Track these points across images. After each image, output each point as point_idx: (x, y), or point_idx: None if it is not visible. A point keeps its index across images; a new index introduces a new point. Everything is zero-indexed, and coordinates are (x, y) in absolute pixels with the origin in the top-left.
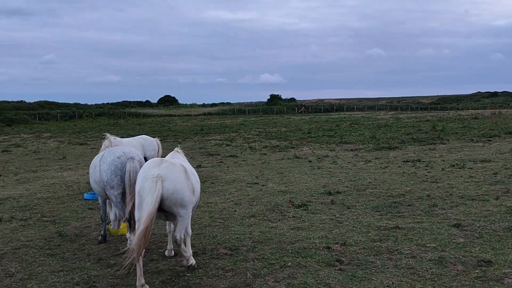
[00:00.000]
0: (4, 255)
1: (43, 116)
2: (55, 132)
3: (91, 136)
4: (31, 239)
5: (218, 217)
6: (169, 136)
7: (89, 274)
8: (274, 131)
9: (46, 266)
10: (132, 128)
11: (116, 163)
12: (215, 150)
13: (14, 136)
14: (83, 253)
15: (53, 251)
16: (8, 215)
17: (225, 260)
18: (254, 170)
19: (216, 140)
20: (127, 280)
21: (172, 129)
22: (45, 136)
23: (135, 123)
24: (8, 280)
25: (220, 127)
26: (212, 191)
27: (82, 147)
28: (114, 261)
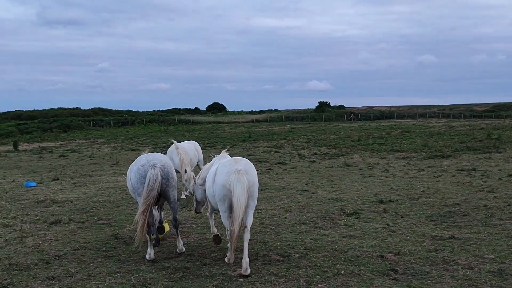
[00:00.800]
0: (64, 255)
1: (97, 123)
2: (109, 138)
3: (143, 142)
4: (88, 240)
5: (269, 223)
6: (218, 142)
7: (144, 276)
8: (323, 138)
9: (103, 267)
10: (181, 135)
11: (141, 172)
12: (264, 157)
13: (70, 142)
14: (138, 255)
15: (109, 253)
16: (67, 217)
17: (277, 266)
18: (304, 177)
19: (264, 147)
20: (181, 283)
21: (221, 136)
22: (99, 142)
23: (185, 130)
24: (68, 280)
25: (268, 134)
26: (261, 198)
27: (134, 152)
28: (168, 264)
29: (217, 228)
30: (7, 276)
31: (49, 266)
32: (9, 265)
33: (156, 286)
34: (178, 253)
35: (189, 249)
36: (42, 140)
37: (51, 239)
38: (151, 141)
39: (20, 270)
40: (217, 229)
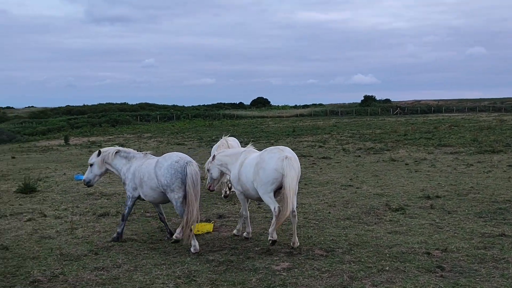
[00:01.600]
0: (112, 247)
1: (144, 118)
2: (155, 132)
3: (188, 136)
4: (135, 233)
5: (313, 218)
6: (262, 137)
7: (189, 269)
8: (368, 133)
9: (149, 259)
10: (226, 130)
11: (176, 167)
12: (308, 151)
13: (118, 136)
14: (183, 248)
15: (155, 245)
16: (115, 210)
17: (320, 261)
18: (348, 172)
19: (309, 141)
20: (225, 276)
21: (265, 130)
22: (146, 136)
23: (229, 124)
24: (116, 271)
25: (312, 128)
26: (305, 192)
27: (180, 147)
28: (212, 257)
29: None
30: (59, 266)
31: (98, 257)
32: (60, 255)
33: (201, 279)
34: (220, 248)
35: (233, 242)
36: (91, 134)
37: (99, 231)
38: (196, 135)
39: (71, 260)
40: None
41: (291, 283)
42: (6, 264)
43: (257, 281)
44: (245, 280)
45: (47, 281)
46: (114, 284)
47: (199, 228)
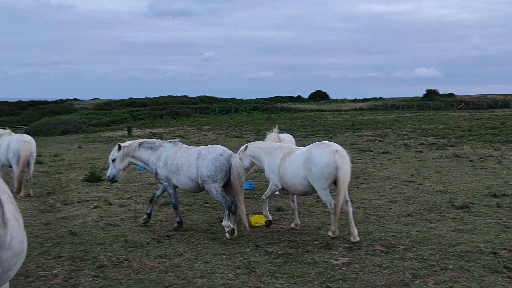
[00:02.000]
0: (173, 236)
1: (203, 110)
2: (214, 125)
3: (246, 129)
4: (195, 222)
5: (373, 213)
6: (320, 131)
7: (248, 260)
8: (430, 128)
9: (210, 248)
10: (284, 123)
11: (221, 160)
12: (367, 146)
13: (178, 128)
14: (242, 239)
15: (215, 235)
16: None
17: (381, 257)
18: (410, 167)
19: (368, 136)
20: (284, 268)
21: (323, 124)
22: (205, 129)
23: (287, 118)
24: (178, 259)
25: (372, 123)
26: (365, 188)
27: (238, 139)
28: (271, 249)
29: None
30: (123, 252)
31: (160, 245)
32: (125, 242)
33: (260, 270)
34: (278, 240)
35: (292, 235)
36: (153, 126)
37: (161, 220)
38: (254, 128)
39: (134, 247)
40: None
41: (350, 278)
42: (74, 249)
43: (316, 274)
44: (304, 273)
45: (112, 266)
46: (176, 272)
47: (258, 220)
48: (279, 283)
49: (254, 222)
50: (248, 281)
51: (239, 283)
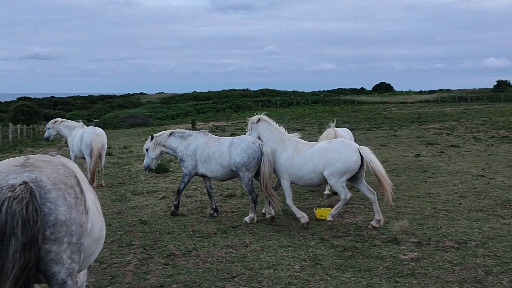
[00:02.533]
0: (239, 227)
1: (265, 103)
2: (275, 118)
3: (308, 122)
4: (259, 214)
5: (442, 208)
6: (384, 123)
7: (314, 253)
8: (501, 120)
9: (275, 240)
10: (346, 115)
11: (253, 148)
12: (434, 139)
13: (240, 121)
14: (307, 232)
15: (280, 227)
16: (240, 192)
17: (452, 253)
18: (480, 161)
19: (435, 128)
20: (351, 261)
21: (388, 116)
22: None
23: (350, 110)
24: (244, 250)
25: (439, 115)
26: (433, 182)
27: (300, 132)
28: (337, 242)
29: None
30: (191, 242)
31: (226, 236)
32: (192, 232)
33: (326, 263)
34: (344, 233)
35: (358, 229)
36: (216, 119)
37: (227, 211)
38: (316, 121)
39: (202, 237)
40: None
41: (420, 274)
42: (145, 238)
43: (384, 269)
44: (372, 267)
45: (181, 255)
46: (242, 262)
47: (323, 213)
48: (346, 277)
49: (319, 215)
50: (315, 273)
51: (305, 275)
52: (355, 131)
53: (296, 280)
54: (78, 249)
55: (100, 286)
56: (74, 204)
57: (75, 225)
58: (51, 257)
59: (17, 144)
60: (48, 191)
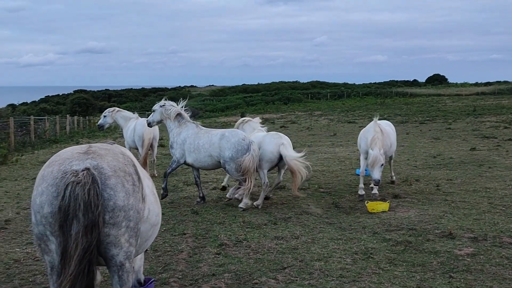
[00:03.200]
0: (289, 218)
1: (314, 96)
2: (325, 110)
3: (359, 115)
4: (310, 207)
5: (499, 203)
6: (438, 116)
7: (366, 246)
8: None
9: (326, 233)
10: (399, 108)
11: (243, 144)
12: (491, 132)
13: (289, 114)
14: (358, 225)
15: (330, 220)
16: (290, 184)
17: (509, 249)
18: None
19: (492, 122)
20: (404, 256)
21: (441, 109)
22: (316, 114)
23: (402, 102)
24: (295, 242)
25: (496, 108)
26: (489, 176)
27: (351, 125)
28: (389, 236)
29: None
30: (242, 232)
31: (277, 227)
32: (243, 222)
33: (378, 256)
34: (397, 227)
35: (411, 223)
36: (265, 111)
37: (277, 203)
38: (367, 113)
39: (252, 228)
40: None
41: (476, 270)
42: (197, 227)
43: (438, 264)
44: (425, 262)
45: (232, 245)
46: (293, 254)
47: (374, 206)
48: (399, 271)
49: (371, 209)
50: (366, 267)
51: (357, 268)
52: (407, 124)
53: (348, 273)
54: (135, 234)
55: (155, 273)
56: (132, 191)
57: (132, 210)
58: (110, 240)
59: (74, 135)
60: (108, 178)
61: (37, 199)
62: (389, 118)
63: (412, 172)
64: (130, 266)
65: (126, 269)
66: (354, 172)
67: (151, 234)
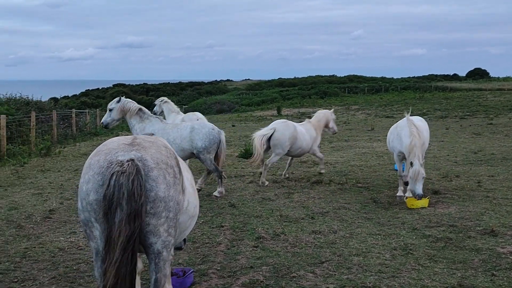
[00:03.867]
0: (327, 213)
1: (351, 90)
2: (363, 104)
3: (397, 109)
4: (348, 201)
5: None
6: (479, 111)
7: (405, 242)
8: None
9: (364, 228)
10: (438, 102)
11: (213, 134)
12: None
13: (326, 108)
14: (397, 220)
15: (369, 215)
16: (327, 178)
17: None
18: None
19: None
20: (444, 252)
21: (482, 104)
22: (354, 109)
23: (441, 97)
24: (332, 236)
25: None
26: None
27: (388, 120)
28: (429, 232)
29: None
30: (279, 226)
31: (314, 221)
32: (280, 216)
33: (418, 253)
34: (437, 224)
35: (451, 220)
36: (301, 106)
37: (314, 197)
38: (405, 108)
39: (290, 222)
40: None
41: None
42: (234, 220)
43: (480, 262)
44: (466, 259)
45: (270, 238)
46: (331, 248)
47: (414, 202)
48: (439, 268)
49: (410, 205)
50: (406, 262)
51: (396, 264)
52: (447, 119)
53: (387, 268)
54: (174, 224)
55: (193, 264)
56: (172, 183)
57: (172, 202)
58: (149, 229)
59: (114, 127)
60: (151, 170)
61: (84, 186)
62: (429, 113)
63: (453, 168)
64: (167, 254)
65: (163, 258)
66: (392, 168)
67: (189, 225)
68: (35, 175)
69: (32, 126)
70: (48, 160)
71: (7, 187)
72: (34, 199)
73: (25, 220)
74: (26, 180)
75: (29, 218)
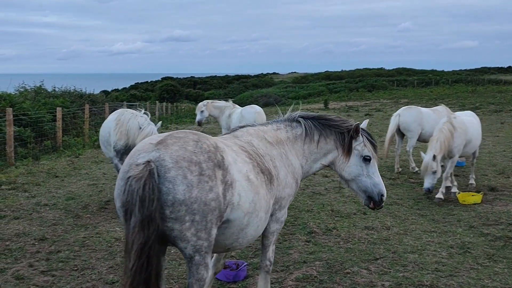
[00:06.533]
0: (379, 209)
1: (400, 83)
2: (412, 98)
3: (448, 103)
4: (401, 197)
5: None
6: None
7: (462, 240)
8: None
9: (418, 224)
10: (492, 96)
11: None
12: None
13: (374, 101)
14: (453, 218)
15: (422, 211)
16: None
17: None
18: None
19: None
20: (503, 252)
21: None
22: (403, 102)
23: (495, 90)
24: (386, 232)
25: None
26: None
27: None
28: (487, 230)
29: None
30: (331, 221)
31: (366, 217)
32: (332, 211)
33: (476, 251)
34: (495, 222)
35: (510, 218)
36: (349, 99)
37: None
38: (457, 102)
39: (341, 217)
40: None
41: None
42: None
43: None
44: None
45: (322, 233)
46: (385, 245)
47: (466, 198)
48: (499, 267)
49: (462, 200)
50: (464, 261)
51: (453, 263)
52: (502, 113)
53: (444, 267)
54: (205, 227)
55: (246, 257)
56: (196, 182)
57: (197, 203)
58: (175, 234)
59: (163, 120)
60: (168, 171)
61: (114, 192)
62: (482, 106)
63: (509, 164)
64: (201, 259)
65: (195, 262)
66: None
67: (248, 222)
68: (89, 166)
69: (86, 118)
70: (101, 152)
71: (63, 177)
72: (89, 189)
73: (82, 210)
74: (81, 171)
75: (86, 208)
